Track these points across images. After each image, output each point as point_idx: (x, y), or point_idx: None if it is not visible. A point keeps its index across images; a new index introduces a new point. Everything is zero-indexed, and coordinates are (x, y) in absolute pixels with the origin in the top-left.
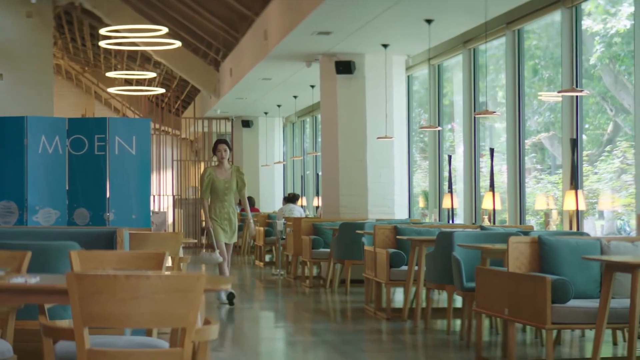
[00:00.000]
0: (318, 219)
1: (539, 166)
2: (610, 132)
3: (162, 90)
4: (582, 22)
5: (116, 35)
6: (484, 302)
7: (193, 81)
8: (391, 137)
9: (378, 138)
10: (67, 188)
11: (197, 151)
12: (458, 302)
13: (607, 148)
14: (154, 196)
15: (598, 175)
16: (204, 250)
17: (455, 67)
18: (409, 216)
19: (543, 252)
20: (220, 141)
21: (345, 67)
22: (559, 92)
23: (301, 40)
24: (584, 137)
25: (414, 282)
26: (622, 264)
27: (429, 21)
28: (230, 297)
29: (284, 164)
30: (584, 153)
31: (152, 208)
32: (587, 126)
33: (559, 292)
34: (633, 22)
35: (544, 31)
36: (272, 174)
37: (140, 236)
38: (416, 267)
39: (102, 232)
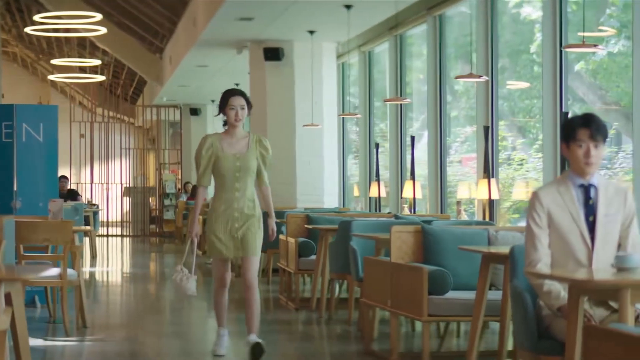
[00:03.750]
0: None
1: (474, 154)
2: None
3: (102, 78)
4: (522, 10)
5: (47, 22)
6: (371, 292)
7: (136, 68)
8: (317, 125)
9: (304, 126)
10: None
11: (152, 139)
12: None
13: (540, 137)
14: (102, 184)
15: (533, 163)
16: (180, 268)
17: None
18: (343, 205)
19: (426, 241)
20: (234, 92)
21: (273, 54)
22: (456, 77)
23: (226, 26)
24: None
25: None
26: (495, 255)
27: (348, 7)
28: (257, 350)
29: None
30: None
31: (93, 198)
32: None
33: (437, 283)
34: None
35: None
36: None
37: (29, 224)
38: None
39: None
